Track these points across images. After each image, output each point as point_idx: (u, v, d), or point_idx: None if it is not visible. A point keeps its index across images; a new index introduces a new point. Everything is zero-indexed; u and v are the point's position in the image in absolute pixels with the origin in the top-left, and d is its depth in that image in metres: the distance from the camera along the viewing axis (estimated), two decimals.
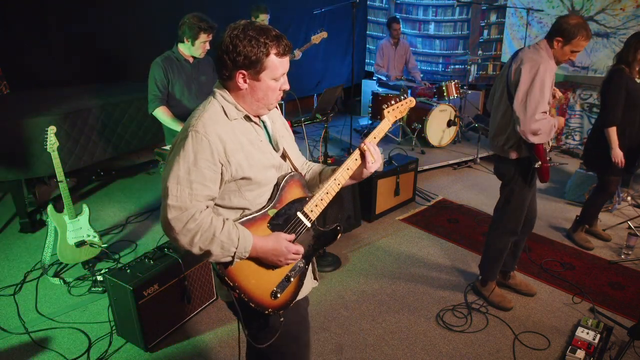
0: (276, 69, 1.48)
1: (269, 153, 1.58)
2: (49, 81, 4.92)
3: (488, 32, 7.14)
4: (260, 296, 1.55)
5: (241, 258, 1.48)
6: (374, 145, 1.69)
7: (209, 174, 1.44)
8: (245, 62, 1.44)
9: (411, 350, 2.74)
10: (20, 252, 3.74)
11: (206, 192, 1.45)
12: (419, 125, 5.83)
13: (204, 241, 1.42)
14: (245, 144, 1.51)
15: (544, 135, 2.60)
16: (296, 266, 1.64)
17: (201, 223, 1.41)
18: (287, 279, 1.61)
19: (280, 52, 1.47)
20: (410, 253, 3.78)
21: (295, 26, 6.92)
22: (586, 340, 2.70)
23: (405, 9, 7.76)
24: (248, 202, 1.55)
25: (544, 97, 2.54)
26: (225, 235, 1.43)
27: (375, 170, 1.73)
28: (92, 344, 2.75)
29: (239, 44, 1.43)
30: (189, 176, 1.42)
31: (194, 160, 1.42)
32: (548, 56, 2.61)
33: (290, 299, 1.65)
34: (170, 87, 3.30)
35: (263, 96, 1.52)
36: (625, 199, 4.62)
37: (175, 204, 1.40)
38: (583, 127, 6.21)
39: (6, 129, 3.66)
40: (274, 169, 1.59)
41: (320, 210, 1.65)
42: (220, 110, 1.51)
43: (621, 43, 5.61)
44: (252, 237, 1.48)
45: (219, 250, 1.43)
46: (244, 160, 1.49)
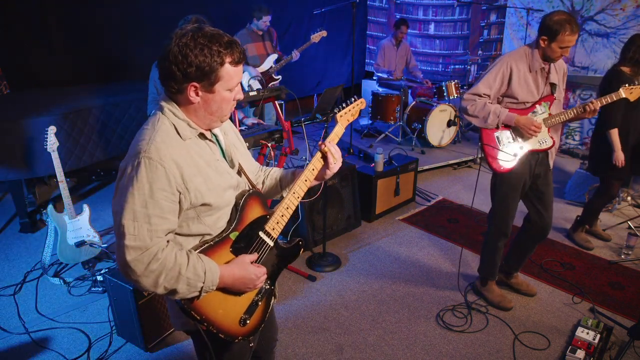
0: (231, 78, 1.37)
1: (227, 173, 1.49)
2: (49, 81, 4.92)
3: (488, 32, 7.13)
4: (229, 325, 1.48)
5: (208, 292, 1.39)
6: (334, 145, 1.63)
7: (167, 205, 1.32)
8: (197, 74, 1.31)
9: (411, 350, 2.74)
10: (20, 252, 3.74)
11: (166, 225, 1.33)
12: (419, 125, 5.83)
13: (169, 281, 1.31)
14: (202, 166, 1.40)
15: (477, 118, 2.74)
16: (262, 289, 1.57)
17: (165, 262, 1.30)
18: (255, 304, 1.55)
19: (234, 60, 1.35)
20: (410, 253, 3.78)
21: (295, 26, 6.92)
22: (586, 340, 2.70)
23: (405, 9, 7.76)
24: (208, 228, 1.46)
25: (481, 81, 2.70)
26: (191, 272, 1.33)
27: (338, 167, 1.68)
28: (92, 344, 2.75)
29: (189, 54, 1.29)
30: (146, 210, 1.29)
31: (149, 191, 1.29)
32: (521, 53, 2.68)
33: (259, 323, 1.59)
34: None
35: (217, 109, 1.40)
36: (625, 199, 4.62)
37: (134, 244, 1.27)
38: (583, 127, 6.21)
39: (6, 129, 3.66)
40: (231, 189, 1.50)
41: (281, 227, 1.58)
42: (172, 129, 1.37)
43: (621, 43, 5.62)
44: (218, 269, 1.39)
45: (185, 288, 1.33)
46: (202, 184, 1.39)
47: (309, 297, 3.21)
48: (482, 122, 2.73)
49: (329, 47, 7.31)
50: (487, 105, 2.69)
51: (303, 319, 2.99)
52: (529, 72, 2.67)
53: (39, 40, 4.76)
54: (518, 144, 2.76)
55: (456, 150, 5.94)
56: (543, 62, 2.66)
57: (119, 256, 1.30)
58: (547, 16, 2.58)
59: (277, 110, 3.34)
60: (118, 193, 1.33)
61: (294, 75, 6.59)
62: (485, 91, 2.70)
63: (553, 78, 2.73)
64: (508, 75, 2.68)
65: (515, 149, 2.76)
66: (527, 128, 2.67)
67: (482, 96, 2.71)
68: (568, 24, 2.48)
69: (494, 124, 2.71)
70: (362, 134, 6.33)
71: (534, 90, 2.70)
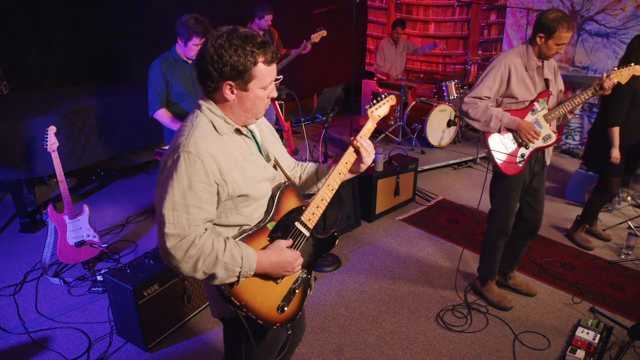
0: (264, 77, 1.43)
1: (262, 166, 1.55)
2: (49, 81, 4.92)
3: (488, 32, 7.13)
4: (267, 312, 1.54)
5: (246, 276, 1.45)
6: (365, 140, 1.68)
7: (205, 196, 1.39)
8: (232, 73, 1.38)
9: (411, 350, 2.74)
10: (20, 252, 3.74)
11: (204, 215, 1.40)
12: (419, 125, 5.83)
13: (207, 265, 1.38)
14: (239, 159, 1.47)
15: (479, 122, 2.72)
16: (299, 277, 1.63)
17: (202, 247, 1.37)
18: (292, 292, 1.61)
19: (267, 59, 1.41)
20: (410, 253, 3.78)
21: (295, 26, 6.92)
22: (586, 340, 2.70)
23: (405, 9, 7.76)
24: (245, 218, 1.52)
25: (482, 84, 2.69)
26: (228, 257, 1.39)
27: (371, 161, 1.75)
28: (92, 344, 2.75)
29: (224, 54, 1.36)
30: (185, 200, 1.36)
31: (188, 183, 1.36)
32: (517, 52, 2.69)
33: (297, 311, 1.64)
34: (169, 88, 3.27)
35: (251, 106, 1.47)
36: (625, 199, 4.62)
37: (173, 232, 1.35)
38: (583, 127, 6.21)
39: (6, 129, 3.66)
40: (267, 182, 1.56)
41: (317, 218, 1.63)
42: (210, 125, 1.45)
43: (621, 43, 5.63)
44: (255, 254, 1.45)
45: (224, 272, 1.39)
46: (239, 177, 1.45)
47: (309, 297, 3.20)
48: (484, 126, 2.72)
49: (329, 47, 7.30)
50: (489, 109, 2.68)
51: None
52: (525, 71, 2.68)
53: (39, 40, 4.76)
54: (523, 144, 2.76)
55: (456, 150, 5.94)
56: (538, 59, 2.68)
57: (160, 244, 1.38)
58: (542, 14, 2.60)
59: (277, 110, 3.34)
60: (159, 185, 1.41)
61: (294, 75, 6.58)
62: (486, 94, 2.69)
63: (546, 74, 2.75)
64: (507, 75, 2.68)
65: (522, 150, 2.77)
66: (527, 133, 2.68)
67: (483, 99, 2.70)
68: (564, 21, 2.51)
69: (496, 127, 2.70)
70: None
71: (531, 88, 2.71)
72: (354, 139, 1.66)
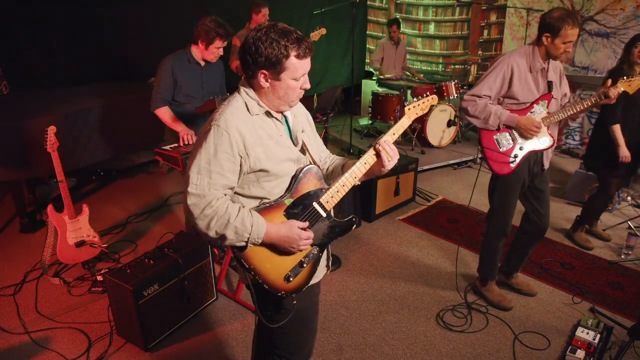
0: (296, 70, 1.55)
1: (287, 147, 1.66)
2: (49, 81, 4.92)
3: (488, 32, 7.14)
4: (274, 279, 1.65)
5: (254, 244, 1.58)
6: (389, 144, 1.72)
7: (227, 165, 1.54)
8: (266, 63, 1.52)
9: (411, 350, 2.74)
10: (20, 252, 3.74)
11: (224, 181, 1.55)
12: (419, 125, 5.83)
13: (219, 226, 1.52)
14: (265, 137, 1.60)
15: (477, 119, 2.73)
16: (310, 253, 1.72)
17: (217, 209, 1.52)
18: (301, 265, 1.70)
19: (300, 54, 1.54)
20: (410, 253, 3.78)
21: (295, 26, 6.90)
22: (586, 340, 2.70)
23: (405, 9, 7.76)
24: (266, 192, 1.64)
25: (482, 82, 2.70)
26: (239, 222, 1.52)
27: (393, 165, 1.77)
28: (92, 344, 2.75)
29: (260, 46, 1.51)
30: (209, 166, 1.53)
31: (214, 152, 1.53)
32: (523, 53, 2.67)
33: (303, 284, 1.74)
34: (177, 88, 3.25)
35: (284, 94, 1.59)
36: (625, 199, 4.62)
37: (194, 191, 1.52)
38: (583, 127, 6.21)
39: (6, 129, 3.66)
40: (291, 162, 1.67)
41: (336, 201, 1.72)
42: (243, 105, 1.60)
43: (621, 43, 5.63)
44: (265, 225, 1.57)
45: (233, 235, 1.53)
46: (262, 153, 1.58)
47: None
48: (483, 123, 2.73)
49: (329, 47, 7.31)
50: (488, 106, 2.69)
51: None
52: (529, 72, 2.67)
53: (39, 40, 4.76)
54: (518, 145, 2.75)
55: (456, 150, 5.94)
56: (544, 61, 2.66)
57: (184, 201, 1.55)
58: (546, 14, 2.59)
59: None
60: (192, 153, 1.59)
61: None
62: (486, 92, 2.70)
63: (551, 76, 2.73)
64: (509, 76, 2.67)
65: (515, 151, 2.75)
66: (528, 128, 2.67)
67: (483, 97, 2.71)
68: (569, 18, 2.49)
69: (495, 125, 2.71)
70: (361, 134, 6.33)
71: (534, 90, 2.70)
72: (377, 143, 1.71)
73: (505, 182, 2.84)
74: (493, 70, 2.69)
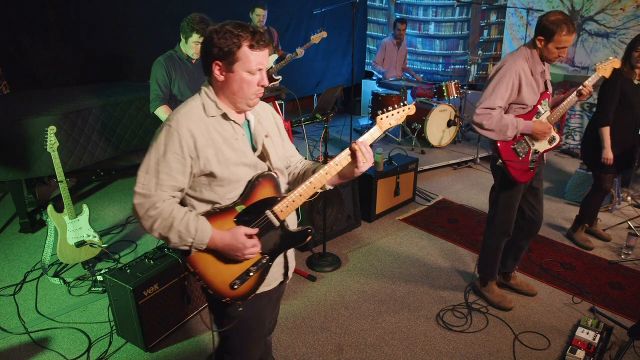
0: (248, 60, 1.53)
1: (242, 152, 1.62)
2: (49, 81, 4.92)
3: (488, 32, 7.14)
4: (219, 285, 1.63)
5: (198, 249, 1.57)
6: (366, 145, 1.67)
7: (176, 165, 1.53)
8: (219, 54, 1.52)
9: (411, 350, 2.74)
10: (20, 252, 3.74)
11: (172, 182, 1.54)
12: (419, 125, 5.83)
13: (162, 228, 1.52)
14: (218, 140, 1.57)
15: (493, 132, 2.64)
16: (259, 262, 1.67)
17: (161, 211, 1.51)
18: (247, 273, 1.66)
19: (253, 44, 1.52)
20: (410, 253, 3.78)
21: (295, 26, 6.92)
22: (586, 340, 2.70)
23: (405, 9, 7.76)
24: (218, 197, 1.61)
25: (494, 94, 2.60)
26: (183, 226, 1.51)
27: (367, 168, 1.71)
28: (92, 344, 2.75)
29: (214, 37, 1.51)
30: (158, 167, 1.53)
31: (163, 152, 1.52)
32: (524, 56, 2.62)
33: (249, 292, 1.69)
34: (172, 86, 3.28)
35: (238, 89, 1.56)
36: (625, 199, 4.62)
37: (140, 191, 1.53)
38: (583, 127, 6.21)
39: (6, 129, 3.66)
40: (246, 167, 1.63)
41: (291, 210, 1.67)
42: (200, 106, 1.59)
43: (621, 43, 5.64)
44: (210, 231, 1.54)
45: (177, 239, 1.53)
46: (213, 156, 1.56)
47: (309, 297, 3.21)
48: (500, 135, 2.64)
49: (329, 47, 7.31)
50: (504, 118, 2.62)
51: (303, 319, 2.99)
52: (532, 75, 2.64)
53: (39, 40, 4.76)
54: (532, 150, 2.74)
55: (456, 150, 5.94)
56: (542, 63, 2.65)
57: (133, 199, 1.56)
58: (543, 16, 2.55)
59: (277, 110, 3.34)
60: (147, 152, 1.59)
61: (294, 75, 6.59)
62: (500, 103, 2.61)
63: (547, 75, 2.74)
64: (517, 83, 2.61)
65: (531, 156, 2.75)
66: (543, 132, 2.67)
67: (496, 109, 2.62)
68: (564, 24, 2.45)
69: (512, 135, 2.64)
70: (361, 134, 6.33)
71: (537, 92, 2.69)
72: (354, 142, 1.66)
73: (514, 188, 2.82)
74: (502, 79, 2.60)
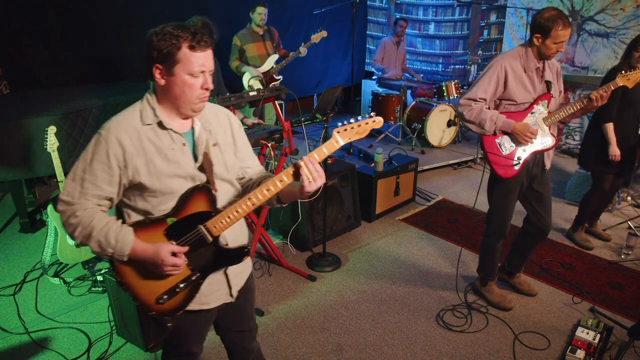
0: (189, 62, 1.45)
1: (177, 163, 1.53)
2: (49, 81, 4.92)
3: (488, 32, 7.14)
4: (146, 297, 1.60)
5: (119, 260, 1.53)
6: (313, 163, 1.50)
7: (102, 175, 1.49)
8: (158, 56, 1.46)
9: (411, 350, 2.74)
10: (20, 252, 3.74)
11: (97, 192, 1.50)
12: (419, 125, 5.83)
13: (83, 237, 1.50)
14: (150, 151, 1.50)
15: (473, 124, 2.70)
16: (188, 278, 1.60)
17: (81, 220, 1.49)
18: (175, 288, 1.60)
19: (194, 45, 1.45)
20: (410, 253, 3.78)
21: (295, 26, 6.92)
22: (586, 340, 2.70)
23: (405, 9, 7.76)
24: (151, 207, 1.55)
25: (476, 85, 2.67)
26: (102, 236, 1.49)
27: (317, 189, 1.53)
28: (92, 344, 2.75)
29: (154, 39, 1.45)
30: (84, 175, 1.50)
31: (90, 160, 1.49)
32: (515, 54, 2.66)
33: (177, 308, 1.63)
34: None
35: (180, 93, 1.49)
36: (625, 199, 4.62)
37: (64, 198, 1.51)
38: (583, 127, 6.20)
39: (6, 129, 3.66)
40: (181, 179, 1.55)
41: (226, 227, 1.57)
42: (137, 114, 1.53)
43: (621, 43, 5.63)
44: (130, 243, 1.50)
45: (98, 248, 1.51)
46: (143, 167, 1.50)
47: (309, 297, 3.21)
48: (479, 128, 2.70)
49: (329, 47, 7.31)
50: (484, 111, 2.65)
51: (303, 319, 2.99)
52: (524, 72, 2.65)
53: (39, 40, 4.76)
54: (521, 147, 2.73)
55: (456, 150, 5.94)
56: (538, 61, 2.64)
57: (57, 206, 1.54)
58: (537, 14, 2.57)
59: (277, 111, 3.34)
60: None
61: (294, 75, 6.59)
62: (482, 95, 2.66)
63: (547, 76, 2.72)
64: (503, 77, 2.64)
65: (518, 153, 2.73)
66: (523, 134, 2.65)
67: (479, 101, 2.67)
68: (560, 19, 2.47)
69: (490, 130, 2.68)
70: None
71: (530, 90, 2.68)
72: (302, 158, 1.50)
73: (504, 184, 2.82)
74: (486, 72, 2.67)
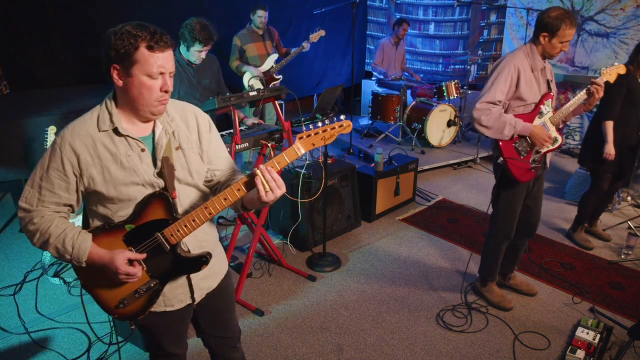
0: (147, 63, 1.42)
1: (133, 169, 1.51)
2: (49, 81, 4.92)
3: (488, 32, 7.14)
4: (107, 301, 1.64)
5: (78, 265, 1.56)
6: (271, 172, 1.46)
7: (58, 182, 1.50)
8: (116, 56, 1.42)
9: (411, 350, 2.74)
10: (20, 252, 3.74)
11: (54, 199, 1.52)
12: (419, 125, 5.83)
13: (41, 243, 1.54)
14: (105, 158, 1.49)
15: (490, 130, 2.62)
16: (148, 284, 1.62)
17: (39, 227, 1.52)
18: (135, 293, 1.62)
19: (151, 45, 1.41)
20: (410, 253, 3.78)
21: (295, 26, 6.92)
22: (586, 340, 2.70)
23: (405, 9, 7.76)
24: (111, 213, 1.56)
25: (493, 87, 2.60)
26: (59, 242, 1.52)
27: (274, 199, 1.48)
28: (92, 344, 2.75)
29: (112, 38, 1.41)
30: (41, 182, 1.51)
31: (47, 167, 1.49)
32: (524, 52, 2.64)
33: (139, 312, 1.66)
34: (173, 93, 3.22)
35: (138, 95, 1.46)
36: (625, 199, 4.62)
37: (22, 205, 1.53)
38: (583, 127, 6.21)
39: (6, 129, 3.66)
40: (139, 186, 1.53)
41: (184, 235, 1.55)
42: (94, 120, 1.50)
43: (621, 43, 5.64)
44: (87, 250, 1.52)
45: (56, 253, 1.54)
46: (98, 175, 1.49)
47: (309, 297, 3.21)
48: (497, 133, 2.63)
49: (328, 47, 7.31)
50: (503, 116, 2.61)
51: (303, 319, 2.99)
52: (532, 72, 2.64)
53: (39, 40, 4.76)
54: (535, 149, 2.73)
55: (456, 150, 5.94)
56: (542, 60, 2.65)
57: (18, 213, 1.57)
58: (543, 13, 2.57)
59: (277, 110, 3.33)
60: None
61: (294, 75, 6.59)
62: (500, 98, 2.61)
63: (548, 75, 2.74)
64: (516, 78, 2.62)
65: (533, 155, 2.73)
66: (541, 139, 2.64)
67: (497, 104, 2.62)
68: (567, 18, 2.48)
69: (509, 135, 2.63)
70: (362, 134, 6.34)
71: (537, 89, 2.67)
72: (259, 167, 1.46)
73: (514, 187, 2.81)
74: (501, 73, 2.61)
